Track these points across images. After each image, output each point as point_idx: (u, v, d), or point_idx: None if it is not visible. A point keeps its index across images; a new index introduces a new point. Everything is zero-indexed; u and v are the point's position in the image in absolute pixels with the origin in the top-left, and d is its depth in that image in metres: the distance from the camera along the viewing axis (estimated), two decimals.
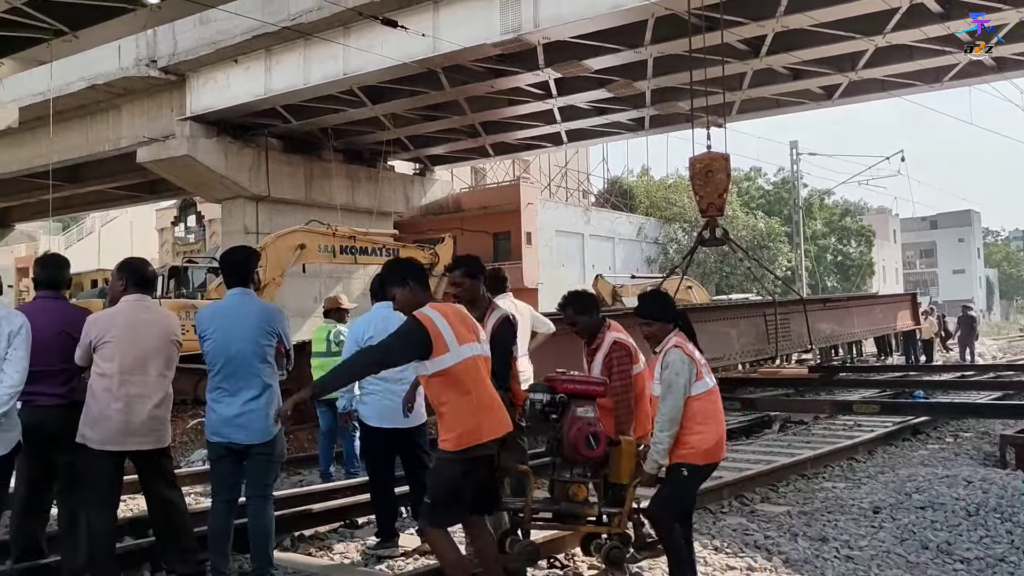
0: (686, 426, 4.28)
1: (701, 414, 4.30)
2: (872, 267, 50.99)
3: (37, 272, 4.74)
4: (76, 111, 22.26)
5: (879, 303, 21.97)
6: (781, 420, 11.08)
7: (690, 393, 4.29)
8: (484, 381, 4.01)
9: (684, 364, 4.30)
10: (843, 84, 20.35)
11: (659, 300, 4.78)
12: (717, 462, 4.47)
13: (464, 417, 3.87)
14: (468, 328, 4.05)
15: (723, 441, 4.45)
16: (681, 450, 4.31)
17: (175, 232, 39.34)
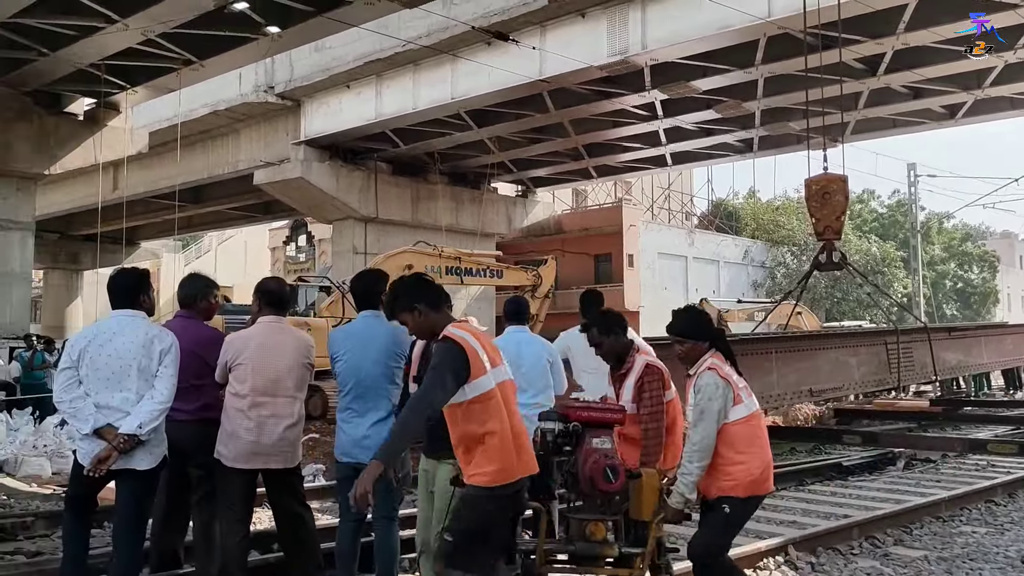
0: (726, 455, 3.93)
1: (742, 441, 3.94)
2: (996, 295, 48.25)
3: (179, 292, 4.90)
4: (199, 136, 23.40)
5: (1010, 333, 20.64)
6: (906, 457, 10.47)
7: (728, 419, 3.94)
8: (515, 410, 3.70)
9: (719, 388, 3.95)
10: (968, 103, 19.42)
11: (692, 316, 4.36)
12: (763, 495, 4.05)
13: (504, 449, 3.52)
14: (495, 350, 3.75)
15: (770, 471, 4.04)
16: (723, 482, 3.95)
17: (287, 251, 40.74)
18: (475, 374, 3.51)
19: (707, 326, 4.28)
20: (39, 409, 11.80)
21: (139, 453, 3.99)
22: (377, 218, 23.27)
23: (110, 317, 4.20)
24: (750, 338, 13.78)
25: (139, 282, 4.27)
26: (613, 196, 37.95)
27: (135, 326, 4.11)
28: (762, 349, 12.65)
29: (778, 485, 8.76)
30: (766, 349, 12.71)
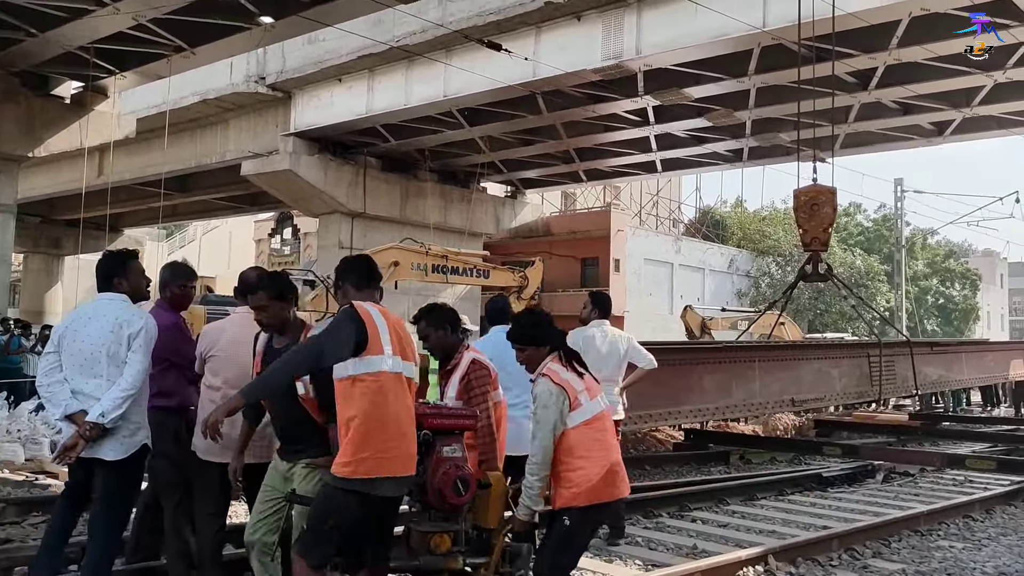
0: (564, 461, 3.75)
1: (581, 446, 3.75)
2: (977, 312, 48.66)
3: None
4: (188, 124, 23.20)
5: (991, 350, 20.81)
6: (885, 470, 10.51)
7: (566, 425, 3.76)
8: (410, 406, 3.56)
9: (551, 396, 3.77)
10: (956, 120, 19.55)
11: (529, 321, 4.14)
12: (609, 502, 3.83)
13: (368, 442, 3.36)
14: (409, 344, 3.63)
15: (615, 476, 3.83)
16: (564, 491, 3.77)
17: (271, 244, 40.50)
18: (370, 350, 3.43)
19: (545, 328, 4.06)
20: (14, 394, 11.64)
21: (107, 443, 3.93)
22: (364, 213, 23.15)
23: (92, 301, 4.15)
24: (734, 346, 13.81)
25: (115, 265, 4.21)
26: (602, 200, 37.99)
27: (108, 310, 4.05)
28: (746, 357, 12.69)
29: (758, 494, 8.80)
30: (750, 357, 12.74)
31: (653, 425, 11.72)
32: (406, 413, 3.54)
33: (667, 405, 10.66)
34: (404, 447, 3.50)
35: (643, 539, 6.64)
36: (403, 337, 3.64)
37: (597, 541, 6.42)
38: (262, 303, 3.88)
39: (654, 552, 6.26)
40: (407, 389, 3.58)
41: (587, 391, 3.89)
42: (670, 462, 11.61)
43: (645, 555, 6.13)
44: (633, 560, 5.97)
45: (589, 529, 3.91)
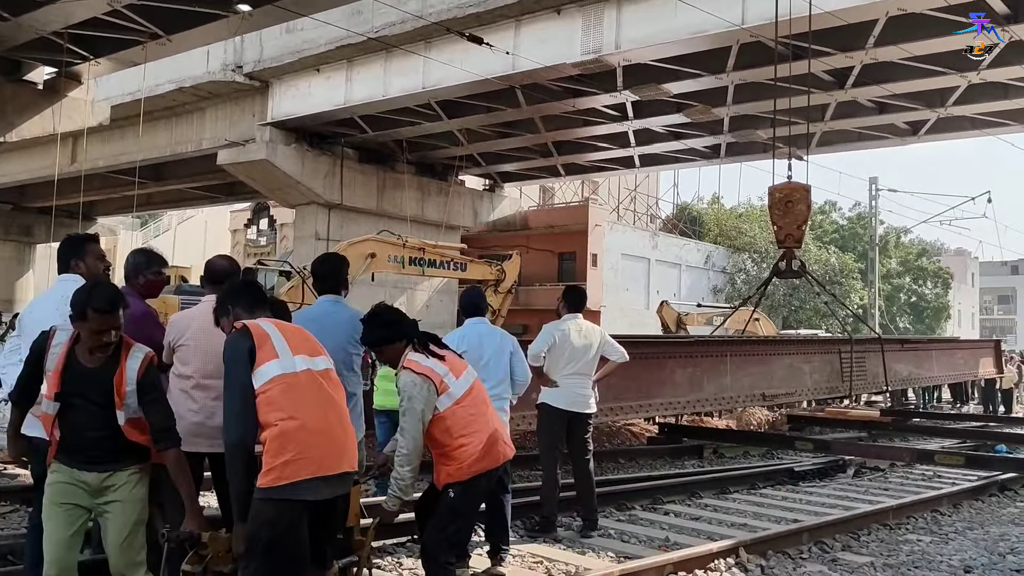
0: (445, 443, 3.85)
1: (458, 426, 3.85)
2: (948, 310, 49.30)
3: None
4: (163, 112, 22.91)
5: (961, 348, 21.12)
6: (856, 465, 10.64)
7: (438, 410, 3.83)
8: (331, 400, 3.44)
9: (415, 386, 3.81)
10: (931, 120, 19.74)
11: (378, 322, 4.07)
12: (492, 469, 3.96)
13: (284, 447, 3.23)
14: (306, 340, 3.56)
15: (496, 442, 3.94)
16: (448, 468, 3.87)
17: (247, 234, 40.19)
18: (260, 360, 3.34)
19: (396, 324, 4.03)
20: None
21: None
22: (341, 205, 23.01)
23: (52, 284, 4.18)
24: (706, 340, 13.92)
25: (72, 247, 4.20)
26: (580, 195, 38.04)
27: (59, 290, 4.03)
28: (717, 352, 12.79)
29: (731, 488, 8.88)
30: (721, 352, 12.84)
31: (624, 418, 11.78)
32: (329, 407, 3.41)
33: (638, 398, 10.73)
34: (330, 443, 3.34)
35: (616, 531, 6.68)
36: (306, 337, 3.57)
37: (570, 533, 6.45)
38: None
39: (627, 544, 6.30)
40: (327, 383, 3.45)
41: (451, 372, 3.94)
42: (644, 456, 11.69)
43: (618, 547, 6.16)
44: (606, 552, 6.00)
45: (476, 498, 4.04)
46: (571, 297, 6.73)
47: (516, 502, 5.77)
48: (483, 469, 3.91)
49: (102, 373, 3.50)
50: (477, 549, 5.63)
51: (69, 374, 3.48)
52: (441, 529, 3.93)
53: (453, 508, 3.91)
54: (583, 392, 6.52)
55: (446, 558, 3.92)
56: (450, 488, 3.89)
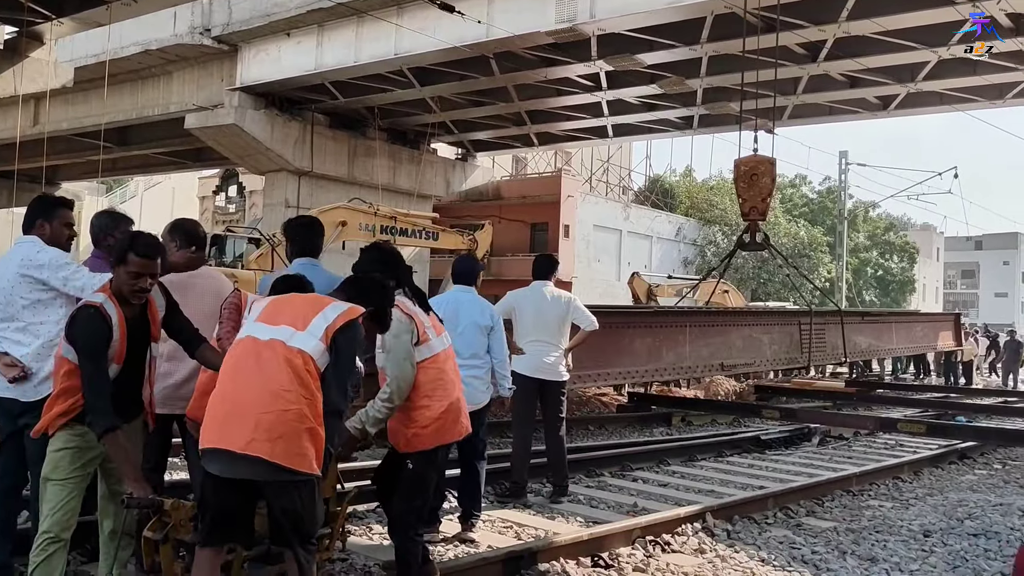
0: (411, 398, 3.77)
1: (425, 385, 3.79)
2: (913, 284, 50.12)
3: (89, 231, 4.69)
4: (128, 75, 22.40)
5: (920, 321, 21.52)
6: (821, 433, 10.84)
7: (416, 359, 3.77)
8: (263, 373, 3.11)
9: (401, 323, 3.73)
10: (901, 95, 19.90)
11: (375, 255, 4.02)
12: (451, 442, 3.94)
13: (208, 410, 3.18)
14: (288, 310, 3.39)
15: (458, 413, 3.90)
16: (407, 431, 3.80)
17: (216, 201, 39.69)
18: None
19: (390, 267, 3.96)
20: None
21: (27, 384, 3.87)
22: (312, 172, 22.74)
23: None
24: (665, 311, 14.07)
25: (42, 208, 4.12)
26: (553, 166, 37.96)
27: (18, 251, 3.97)
28: (677, 323, 12.91)
29: (698, 455, 9.01)
30: (680, 323, 12.97)
31: (583, 386, 11.89)
32: (255, 378, 3.09)
33: (597, 367, 10.82)
34: (230, 416, 3.06)
35: (585, 497, 6.76)
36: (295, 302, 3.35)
37: (540, 499, 6.52)
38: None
39: (595, 510, 6.38)
40: (267, 352, 3.12)
41: (433, 327, 3.93)
42: (613, 423, 11.82)
43: (587, 512, 6.24)
44: (575, 517, 6.07)
45: (436, 468, 3.99)
46: (538, 264, 6.75)
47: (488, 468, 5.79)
48: (443, 441, 3.89)
49: (142, 316, 3.59)
50: (448, 515, 5.67)
51: (129, 335, 3.50)
52: (408, 500, 3.91)
53: (416, 479, 3.89)
54: (548, 359, 6.47)
55: (415, 530, 3.92)
56: (409, 459, 3.84)
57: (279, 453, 3.00)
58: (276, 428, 3.00)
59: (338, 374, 3.23)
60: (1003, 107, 20.18)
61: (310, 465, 3.07)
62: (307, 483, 3.11)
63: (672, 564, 4.97)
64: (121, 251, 3.46)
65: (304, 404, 3.05)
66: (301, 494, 3.10)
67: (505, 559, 4.60)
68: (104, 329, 3.38)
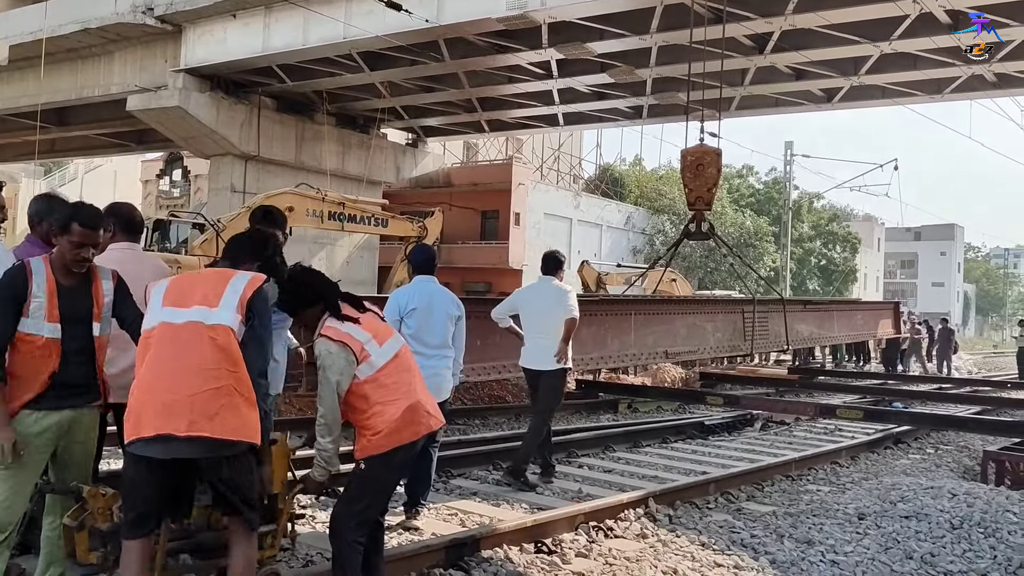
0: (361, 410, 3.61)
1: (377, 393, 3.61)
2: (855, 274, 51.29)
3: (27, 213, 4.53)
4: (67, 53, 21.72)
5: (861, 309, 22.08)
6: (763, 419, 11.07)
7: (357, 378, 3.58)
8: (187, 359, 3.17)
9: (331, 355, 3.55)
10: (844, 88, 20.31)
11: (292, 288, 3.74)
12: (413, 441, 3.69)
13: (134, 397, 3.20)
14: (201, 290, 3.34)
15: (418, 412, 3.68)
16: (363, 439, 3.62)
17: (160, 185, 38.83)
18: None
19: (313, 287, 3.75)
20: None
21: None
22: (258, 156, 22.37)
23: None
24: (611, 299, 14.19)
25: None
26: (504, 154, 37.92)
27: None
28: (621, 311, 13.05)
29: (643, 441, 9.13)
30: (625, 311, 13.10)
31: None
32: (180, 361, 3.15)
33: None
34: (169, 403, 3.10)
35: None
36: (196, 283, 3.37)
37: (487, 485, 6.54)
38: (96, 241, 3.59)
39: (540, 496, 6.42)
40: (189, 334, 3.19)
41: (374, 339, 3.68)
42: (561, 410, 11.85)
43: (532, 499, 6.28)
44: (520, 504, 6.11)
45: (392, 473, 3.74)
46: (545, 261, 7.06)
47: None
48: (402, 442, 3.62)
49: (82, 290, 3.56)
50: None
51: (60, 295, 3.48)
52: (349, 503, 3.67)
53: (363, 482, 3.66)
54: (540, 350, 6.75)
55: (354, 536, 3.62)
56: (363, 461, 3.63)
57: (219, 428, 3.10)
58: (212, 405, 3.10)
59: (257, 337, 3.34)
60: (942, 102, 20.73)
61: (251, 433, 3.20)
62: (245, 453, 3.25)
63: (614, 549, 5.04)
64: (64, 221, 3.50)
65: (232, 378, 3.17)
66: (241, 464, 3.24)
67: (448, 546, 4.62)
68: (18, 279, 3.41)
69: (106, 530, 3.31)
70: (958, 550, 5.56)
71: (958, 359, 27.38)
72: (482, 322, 10.00)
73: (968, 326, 79.15)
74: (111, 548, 3.29)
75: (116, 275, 3.74)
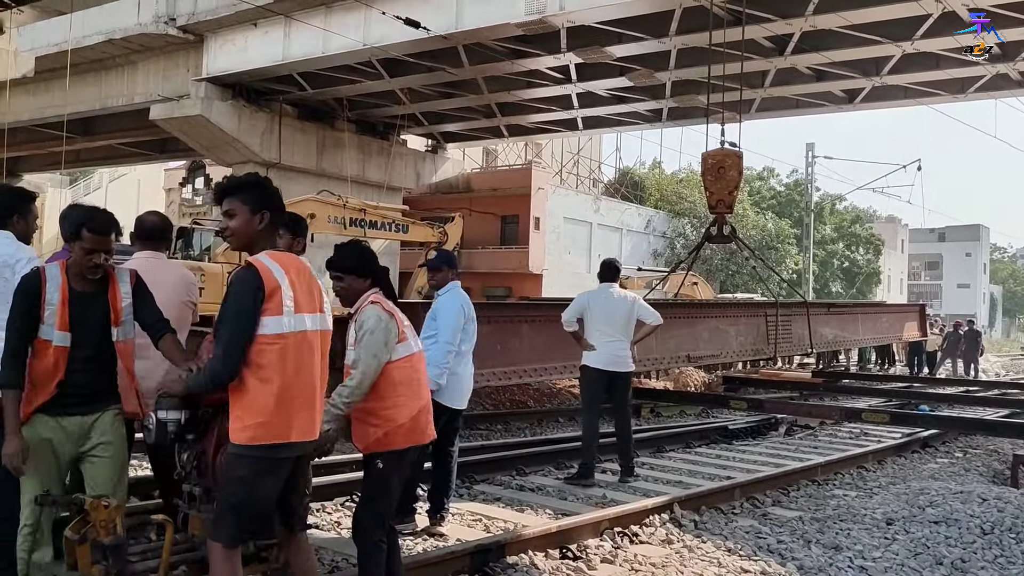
0: (384, 397, 3.62)
1: (402, 384, 3.68)
2: (879, 276, 50.81)
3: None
4: (91, 64, 22.01)
5: (886, 312, 21.84)
6: (788, 423, 10.98)
7: (391, 357, 3.64)
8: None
9: (380, 321, 3.63)
10: (866, 88, 20.13)
11: (353, 251, 3.89)
12: (419, 445, 3.77)
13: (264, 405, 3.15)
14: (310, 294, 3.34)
15: (427, 416, 3.78)
16: (376, 429, 3.63)
17: (183, 193, 39.14)
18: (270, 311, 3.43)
19: (369, 262, 3.86)
20: None
21: None
22: (280, 164, 22.51)
23: None
24: None
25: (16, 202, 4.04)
26: (523, 158, 37.93)
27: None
28: None
29: (667, 446, 9.08)
30: None
31: (549, 378, 11.95)
32: (316, 370, 3.28)
33: (564, 359, 10.76)
34: (313, 409, 3.27)
35: (554, 489, 6.79)
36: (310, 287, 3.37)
37: (508, 491, 6.53)
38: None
39: (565, 502, 6.41)
40: (320, 342, 3.30)
41: (410, 327, 3.82)
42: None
43: (556, 505, 6.27)
44: (544, 510, 6.10)
45: (401, 471, 3.74)
46: (602, 269, 7.48)
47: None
48: (417, 442, 3.74)
49: (97, 296, 3.56)
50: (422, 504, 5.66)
51: (72, 302, 3.48)
52: (371, 502, 3.70)
53: (383, 481, 3.67)
54: (619, 353, 7.16)
55: (379, 535, 3.67)
56: (379, 458, 3.62)
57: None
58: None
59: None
60: (965, 101, 20.51)
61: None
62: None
63: (640, 555, 5.01)
64: (75, 227, 3.52)
65: None
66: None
67: (474, 552, 4.62)
68: (32, 284, 3.42)
69: (108, 544, 3.23)
70: (989, 556, 5.49)
71: (985, 361, 27.07)
72: (502, 326, 10.07)
73: (995, 328, 78.08)
74: (113, 561, 3.23)
75: (135, 276, 3.74)
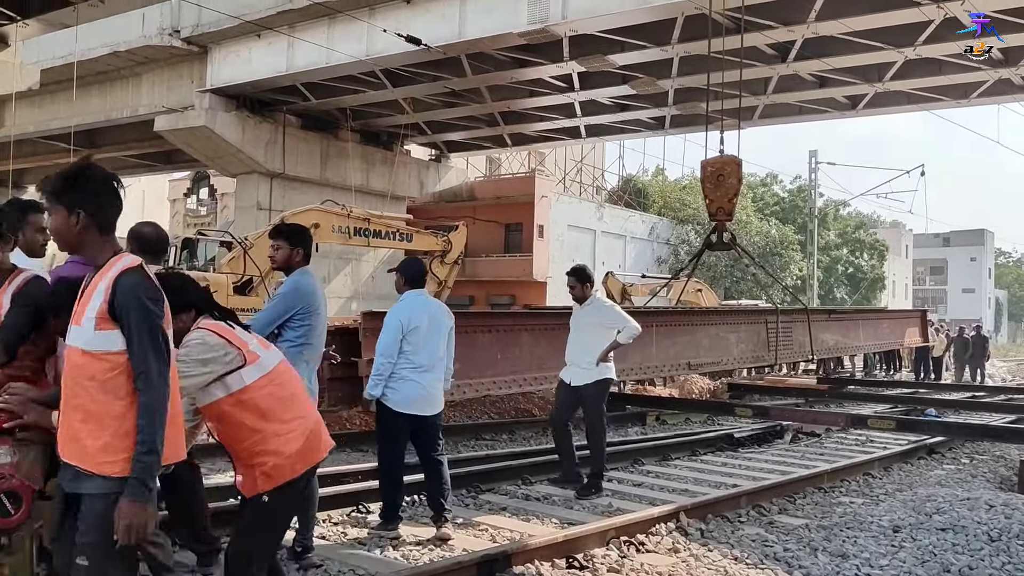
0: (258, 429, 3.06)
1: (277, 407, 3.11)
2: (883, 281, 50.73)
3: None
4: (96, 76, 22.17)
5: (887, 318, 21.80)
6: (793, 430, 10.96)
7: (245, 383, 3.06)
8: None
9: (206, 346, 3.06)
10: (869, 95, 20.17)
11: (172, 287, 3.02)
12: (315, 465, 3.25)
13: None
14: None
15: (321, 431, 3.25)
16: (264, 465, 3.06)
17: (187, 204, 39.29)
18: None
19: (187, 294, 3.24)
20: None
21: None
22: (284, 174, 22.61)
23: None
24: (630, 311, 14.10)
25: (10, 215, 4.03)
26: (526, 166, 37.99)
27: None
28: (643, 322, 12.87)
29: (672, 455, 9.07)
30: (647, 323, 12.95)
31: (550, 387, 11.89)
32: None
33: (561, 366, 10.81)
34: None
35: (560, 498, 6.78)
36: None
37: (514, 500, 6.51)
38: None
39: (570, 511, 6.40)
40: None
41: (259, 342, 3.28)
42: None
43: (562, 514, 6.26)
44: (550, 519, 6.09)
45: (296, 502, 3.35)
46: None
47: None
48: (309, 464, 3.17)
49: None
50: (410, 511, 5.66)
51: None
52: (248, 538, 3.16)
53: (269, 514, 3.12)
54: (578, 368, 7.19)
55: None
56: (265, 494, 3.07)
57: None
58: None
59: None
60: (968, 106, 20.53)
61: None
62: None
63: (646, 564, 5.00)
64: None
65: None
66: None
67: (480, 562, 4.61)
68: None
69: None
70: (997, 563, 5.46)
71: (991, 366, 26.98)
72: (504, 335, 10.06)
73: (1000, 333, 77.85)
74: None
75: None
